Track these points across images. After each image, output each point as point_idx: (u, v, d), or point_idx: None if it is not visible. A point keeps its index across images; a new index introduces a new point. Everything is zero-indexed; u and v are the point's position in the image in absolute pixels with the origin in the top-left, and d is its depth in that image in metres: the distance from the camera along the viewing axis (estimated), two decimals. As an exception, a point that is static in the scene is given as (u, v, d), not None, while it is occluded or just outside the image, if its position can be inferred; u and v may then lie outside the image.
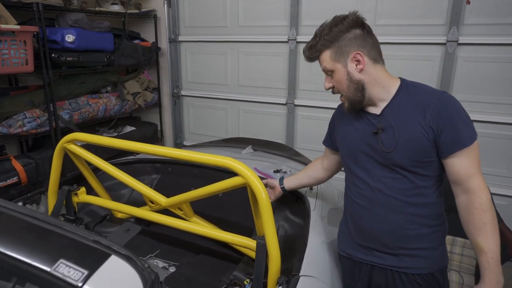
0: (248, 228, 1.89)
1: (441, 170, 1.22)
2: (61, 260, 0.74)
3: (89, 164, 1.81)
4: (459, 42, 2.64)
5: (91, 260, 0.75)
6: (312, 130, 3.35)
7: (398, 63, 2.82)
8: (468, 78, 2.69)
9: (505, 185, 2.69)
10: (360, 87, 1.21)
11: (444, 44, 2.69)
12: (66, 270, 0.72)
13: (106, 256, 0.76)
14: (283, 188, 1.67)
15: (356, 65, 1.20)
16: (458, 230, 1.34)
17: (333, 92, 1.30)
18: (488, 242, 1.11)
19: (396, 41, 2.82)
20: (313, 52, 1.26)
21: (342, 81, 1.23)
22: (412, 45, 2.80)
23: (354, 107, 1.27)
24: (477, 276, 2.15)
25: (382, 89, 1.23)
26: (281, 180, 1.69)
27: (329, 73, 1.25)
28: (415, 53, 2.81)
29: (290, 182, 1.67)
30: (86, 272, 0.72)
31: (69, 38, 2.64)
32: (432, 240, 1.25)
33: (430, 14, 2.72)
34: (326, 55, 1.22)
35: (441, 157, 1.17)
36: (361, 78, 1.21)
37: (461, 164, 1.14)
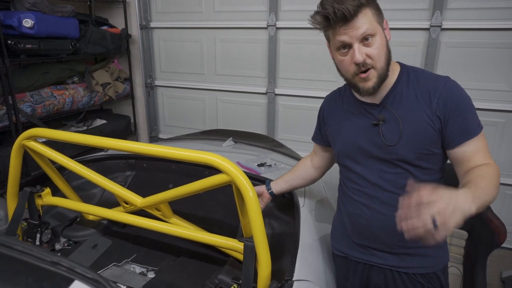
0: (232, 227, 1.78)
1: (444, 162, 1.14)
2: (9, 291, 0.59)
3: (54, 162, 1.63)
4: (443, 27, 2.58)
5: (49, 288, 0.60)
6: (294, 120, 3.24)
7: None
8: (451, 64, 2.65)
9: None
10: (390, 59, 1.08)
11: (428, 29, 2.63)
12: (15, 303, 0.57)
13: (67, 282, 0.61)
14: (271, 193, 1.53)
15: (387, 33, 1.08)
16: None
17: (363, 67, 1.05)
18: (476, 189, 0.90)
19: (378, 27, 2.73)
20: (356, 4, 0.97)
21: (382, 48, 1.04)
22: (395, 30, 2.72)
23: (379, 85, 1.08)
24: (465, 265, 2.15)
25: (390, 71, 1.11)
26: (268, 184, 1.55)
27: (368, 37, 1.01)
28: (398, 38, 2.74)
29: (278, 186, 1.53)
30: (41, 305, 0.57)
31: (27, 23, 2.39)
32: None
33: (413, -2, 2.65)
34: (369, 13, 1.01)
35: (448, 148, 1.08)
36: (390, 49, 1.08)
37: (470, 154, 1.05)
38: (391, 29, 2.87)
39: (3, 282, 0.61)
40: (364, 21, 1.00)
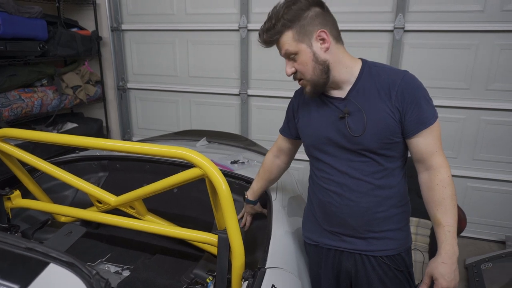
0: (207, 223, 1.80)
1: (405, 150, 1.23)
2: (-16, 276, 0.60)
3: (24, 164, 1.61)
4: (406, 29, 2.72)
5: (24, 272, 0.62)
6: (266, 120, 3.31)
7: (346, 50, 2.85)
8: (415, 63, 2.78)
9: (451, 166, 2.84)
10: (325, 68, 1.16)
11: (392, 31, 2.76)
12: (-10, 287, 0.59)
13: (42, 265, 0.63)
14: (252, 202, 1.62)
15: (321, 44, 1.14)
16: (413, 210, 1.36)
17: (295, 78, 1.22)
18: (446, 216, 1.13)
19: (344, 28, 2.80)
20: (272, 34, 1.15)
21: (307, 63, 1.15)
22: (360, 32, 2.84)
23: (317, 91, 1.21)
24: (431, 253, 2.26)
25: (346, 70, 1.19)
26: (245, 199, 1.63)
27: (291, 56, 1.17)
28: (363, 40, 2.85)
29: (255, 194, 1.61)
30: (17, 287, 0.59)
31: (-7, 24, 2.34)
32: (398, 221, 1.25)
33: (377, 1, 2.77)
34: (288, 36, 1.14)
35: (406, 137, 1.17)
36: (327, 58, 1.16)
37: (425, 143, 1.15)
38: (356, 30, 2.98)
39: (-23, 268, 0.62)
40: (284, 43, 1.15)
